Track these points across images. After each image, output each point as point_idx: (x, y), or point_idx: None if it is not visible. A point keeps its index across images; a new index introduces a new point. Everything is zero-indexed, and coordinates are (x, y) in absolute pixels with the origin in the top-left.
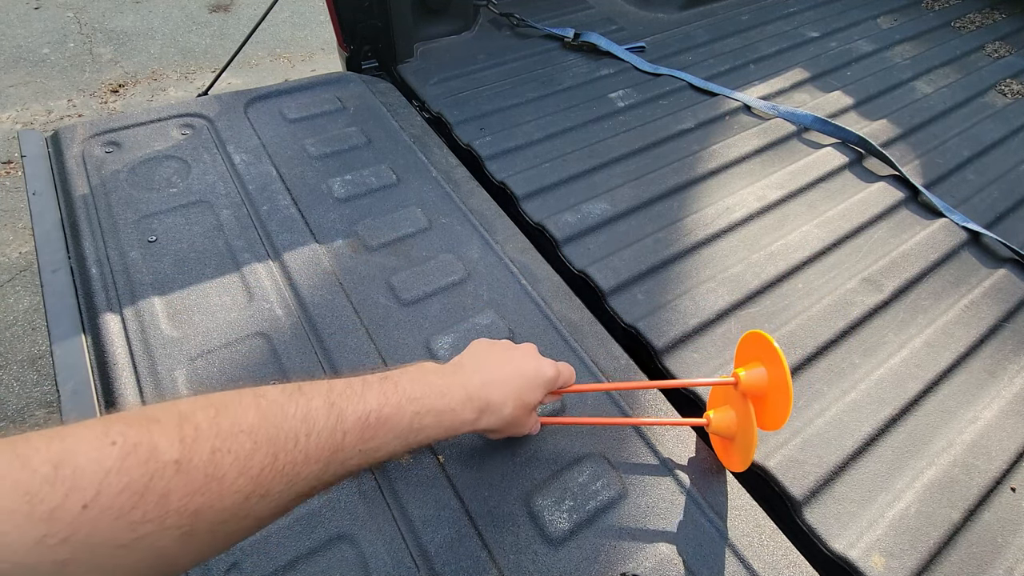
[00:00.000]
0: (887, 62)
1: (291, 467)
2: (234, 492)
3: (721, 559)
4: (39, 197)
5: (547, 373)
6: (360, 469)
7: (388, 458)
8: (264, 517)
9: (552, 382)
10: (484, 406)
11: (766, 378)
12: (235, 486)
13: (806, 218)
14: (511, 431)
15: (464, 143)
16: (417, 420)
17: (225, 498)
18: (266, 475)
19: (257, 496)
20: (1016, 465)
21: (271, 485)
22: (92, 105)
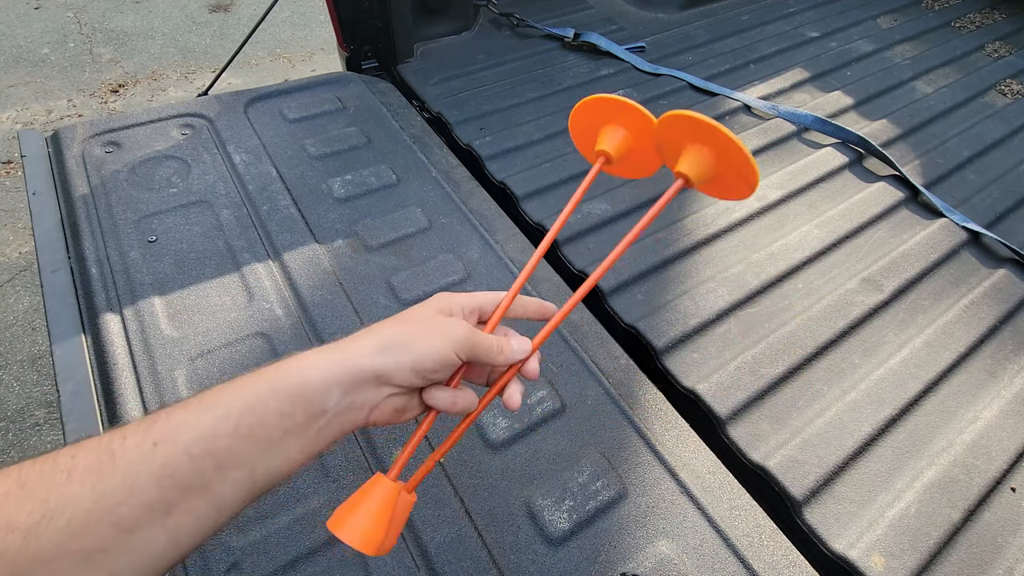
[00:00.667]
0: (887, 62)
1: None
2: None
3: (721, 559)
4: (39, 197)
5: (458, 331)
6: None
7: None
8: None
9: (464, 341)
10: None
11: (711, 154)
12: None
13: (806, 218)
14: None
15: (464, 143)
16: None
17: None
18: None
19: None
20: (1016, 465)
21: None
22: (92, 105)
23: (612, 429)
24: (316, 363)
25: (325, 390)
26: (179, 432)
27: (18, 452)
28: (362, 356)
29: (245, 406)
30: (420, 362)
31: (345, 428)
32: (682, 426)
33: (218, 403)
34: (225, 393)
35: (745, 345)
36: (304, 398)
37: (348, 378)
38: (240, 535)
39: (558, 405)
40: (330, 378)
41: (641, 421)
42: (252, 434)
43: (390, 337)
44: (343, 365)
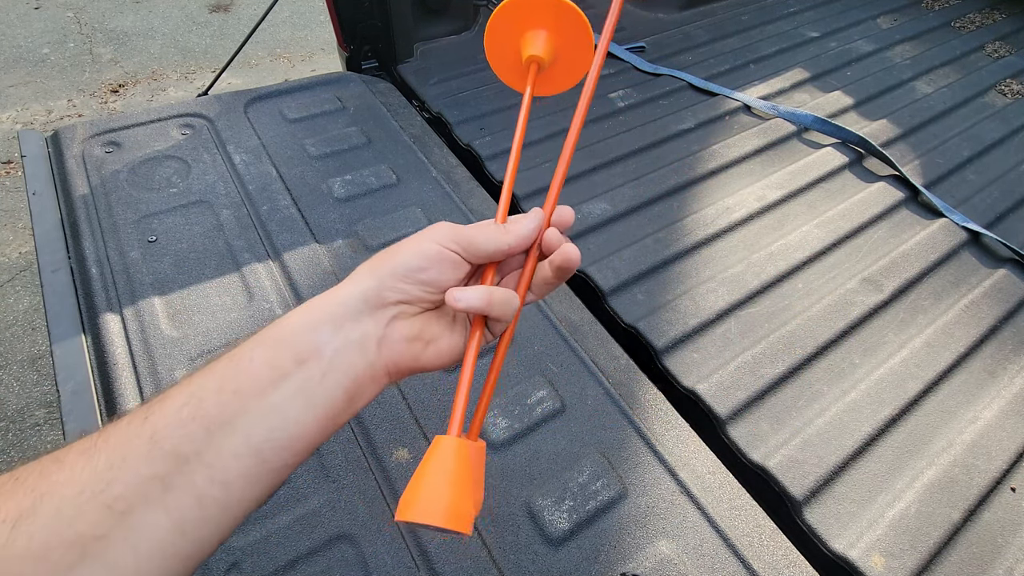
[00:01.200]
0: (887, 62)
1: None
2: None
3: (721, 559)
4: (39, 197)
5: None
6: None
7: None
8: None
9: (464, 238)
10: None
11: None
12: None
13: (806, 218)
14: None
15: (464, 143)
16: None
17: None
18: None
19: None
20: (1016, 465)
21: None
22: (92, 105)
23: (612, 429)
24: (296, 310)
25: (311, 328)
26: (168, 400)
27: (18, 452)
28: (342, 287)
29: (229, 362)
30: (401, 264)
31: (356, 374)
32: (682, 426)
33: (206, 368)
34: (213, 359)
35: (745, 345)
36: (289, 340)
37: (333, 311)
38: (240, 535)
39: (558, 405)
40: (315, 316)
41: (641, 421)
42: (238, 390)
43: (365, 265)
44: (323, 302)
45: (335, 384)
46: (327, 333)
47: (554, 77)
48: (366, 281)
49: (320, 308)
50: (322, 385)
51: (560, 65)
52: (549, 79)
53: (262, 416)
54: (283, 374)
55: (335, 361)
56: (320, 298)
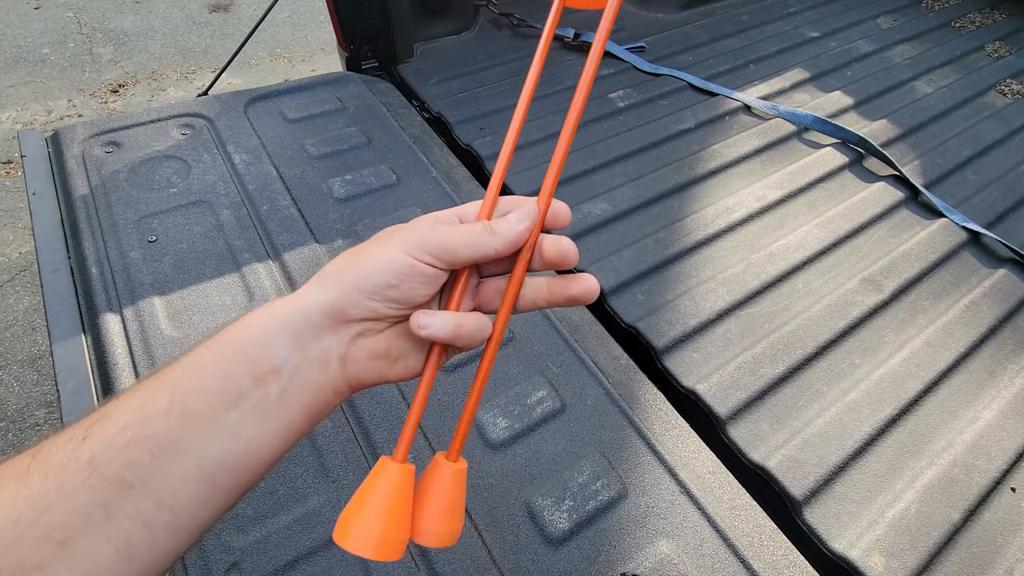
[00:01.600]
0: (887, 62)
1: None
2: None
3: (721, 559)
4: (39, 197)
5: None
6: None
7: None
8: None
9: (437, 240)
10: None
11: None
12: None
13: (806, 218)
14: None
15: (464, 143)
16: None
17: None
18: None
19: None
20: (1016, 465)
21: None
22: (92, 105)
23: (612, 429)
24: (256, 312)
25: (268, 340)
26: (108, 419)
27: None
28: (303, 295)
29: (180, 376)
30: (368, 278)
31: (316, 391)
32: (682, 426)
33: (154, 379)
34: (166, 366)
35: (745, 345)
36: (245, 354)
37: (293, 322)
38: (240, 535)
39: (558, 405)
40: (273, 326)
41: (641, 421)
42: (188, 411)
43: (332, 267)
44: (284, 309)
45: (293, 402)
46: (286, 347)
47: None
48: (330, 291)
49: (280, 316)
50: (280, 403)
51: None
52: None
53: (214, 437)
54: (238, 393)
55: (294, 379)
56: (283, 301)
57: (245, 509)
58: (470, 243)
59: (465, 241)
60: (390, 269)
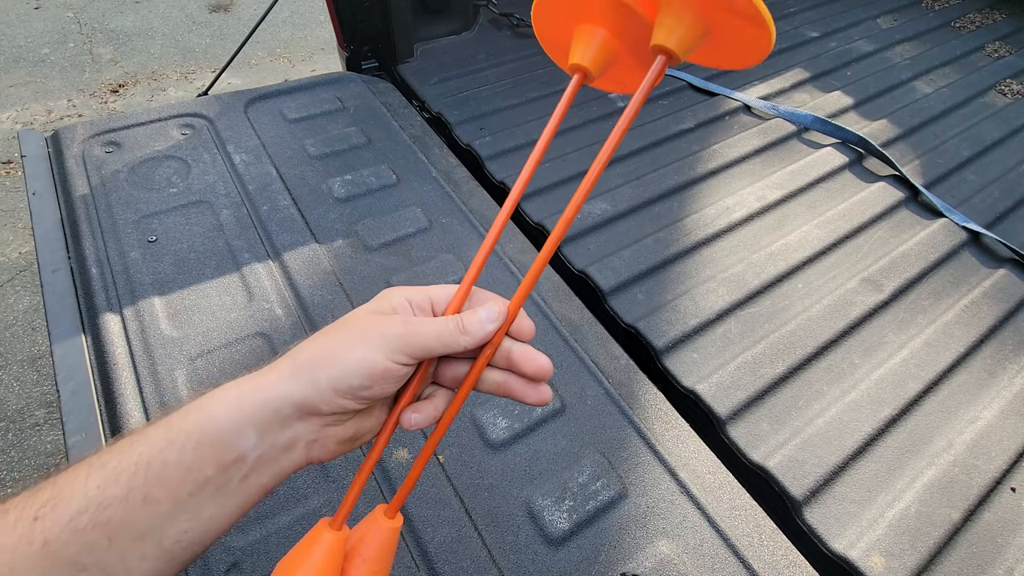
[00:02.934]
0: (887, 62)
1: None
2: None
3: (721, 559)
4: (39, 197)
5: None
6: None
7: None
8: None
9: (403, 339)
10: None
11: (690, 6)
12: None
13: (806, 218)
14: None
15: (464, 143)
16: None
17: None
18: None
19: None
20: (1016, 465)
21: None
22: (92, 105)
23: (612, 429)
24: (222, 398)
25: (235, 432)
26: (62, 502)
27: (18, 452)
28: (273, 385)
29: (139, 463)
30: (344, 379)
31: (280, 474)
32: (682, 426)
33: (110, 462)
34: (122, 446)
35: (745, 345)
36: (209, 445)
37: (261, 415)
38: (240, 535)
39: (558, 405)
40: (240, 416)
41: (641, 421)
42: (150, 496)
43: (305, 355)
44: (252, 398)
45: (256, 484)
46: (252, 438)
47: (602, 80)
48: (303, 386)
49: (247, 406)
50: (242, 485)
51: (611, 72)
52: (597, 80)
53: (174, 519)
54: (202, 480)
55: (258, 464)
56: (250, 387)
57: None
58: (442, 341)
59: (438, 340)
60: (367, 373)
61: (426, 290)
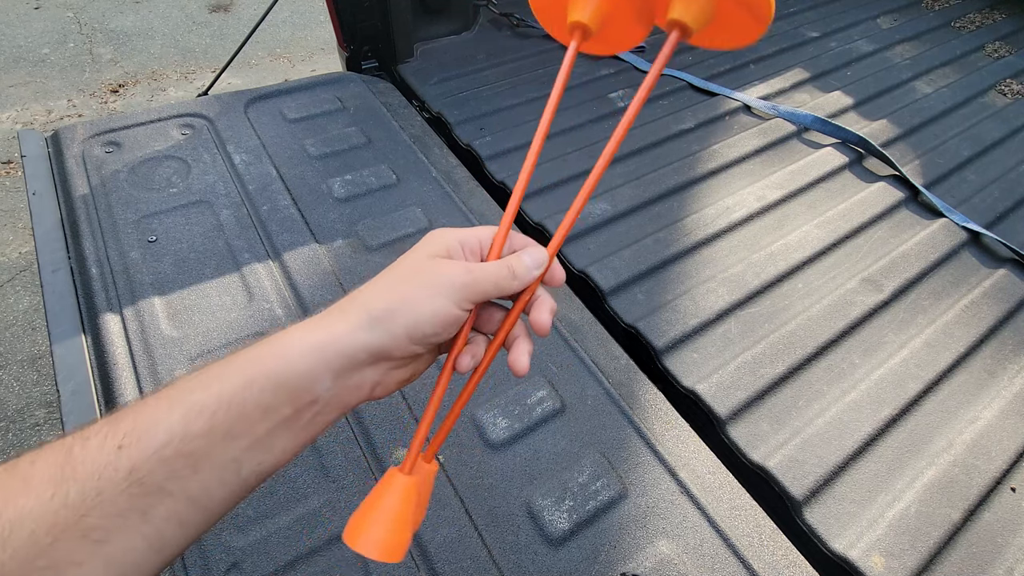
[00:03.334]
0: (887, 62)
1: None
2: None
3: (721, 559)
4: (39, 197)
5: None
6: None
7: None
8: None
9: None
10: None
11: None
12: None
13: (806, 218)
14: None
15: (464, 143)
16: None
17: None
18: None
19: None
20: (1016, 465)
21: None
22: (92, 105)
23: (612, 429)
24: (298, 346)
25: (312, 378)
26: (146, 434)
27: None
28: (350, 334)
29: (220, 401)
30: (418, 327)
31: (344, 409)
32: (682, 426)
33: (189, 397)
34: (199, 383)
35: (745, 345)
36: (288, 388)
37: (338, 362)
38: (240, 535)
39: (558, 405)
40: (317, 364)
41: (641, 421)
42: (231, 432)
43: (380, 304)
44: (331, 348)
45: (324, 420)
46: (327, 382)
47: (598, 38)
48: (380, 335)
49: (324, 353)
50: (312, 423)
51: (606, 32)
52: (593, 39)
53: (254, 453)
54: (279, 419)
55: (330, 405)
56: (325, 331)
57: (245, 509)
58: (499, 287)
59: (496, 286)
60: (440, 322)
61: (473, 232)
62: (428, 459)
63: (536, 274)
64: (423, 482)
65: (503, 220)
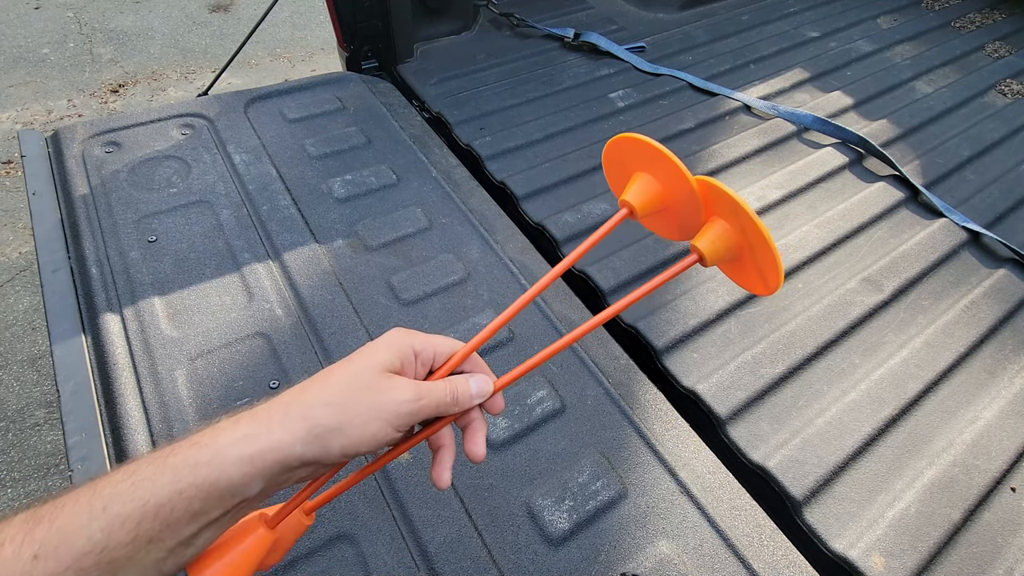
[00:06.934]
0: (887, 62)
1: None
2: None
3: (721, 559)
4: (39, 197)
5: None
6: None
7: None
8: None
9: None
10: None
11: (734, 234)
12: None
13: (806, 218)
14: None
15: (464, 143)
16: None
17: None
18: None
19: None
20: (1016, 465)
21: None
22: (92, 105)
23: (612, 429)
24: (233, 453)
25: (245, 484)
26: (64, 543)
27: (18, 452)
28: (289, 446)
29: (146, 511)
30: (356, 448)
31: (268, 499)
32: (682, 426)
33: (112, 503)
34: (121, 489)
35: (745, 345)
36: (219, 495)
37: (272, 470)
38: None
39: (558, 405)
40: (251, 472)
41: (641, 421)
42: (156, 538)
43: (323, 421)
44: (265, 457)
45: (249, 511)
46: (260, 486)
47: (648, 220)
48: (314, 450)
49: (260, 464)
50: (236, 518)
51: (656, 219)
52: (643, 219)
53: (176, 552)
54: (207, 520)
55: (255, 500)
56: (264, 446)
57: None
58: (438, 410)
59: (436, 409)
60: (377, 444)
61: (431, 342)
62: (307, 511)
63: (476, 403)
64: (285, 537)
65: (468, 346)
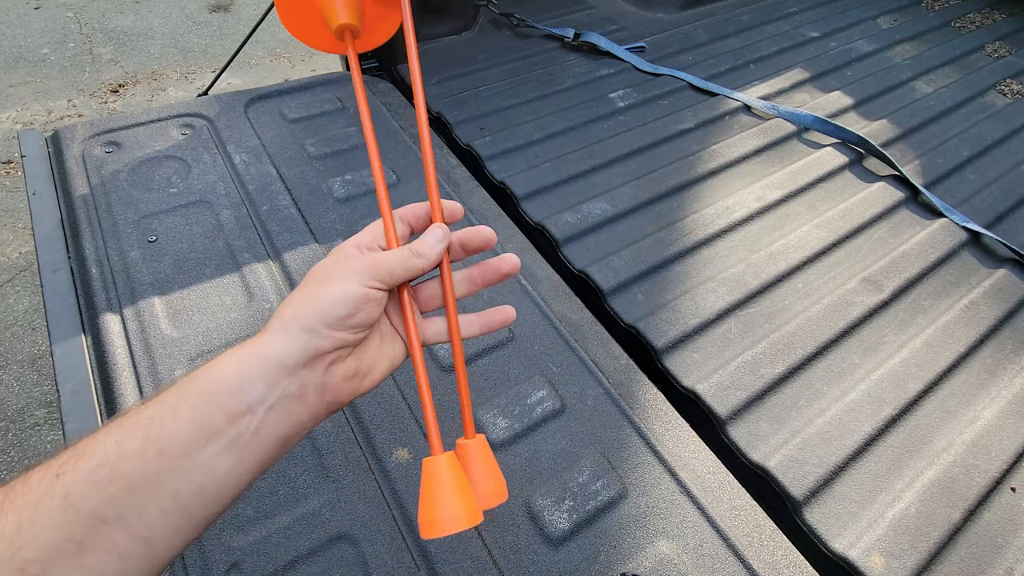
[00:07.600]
0: (887, 62)
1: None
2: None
3: (721, 559)
4: (39, 197)
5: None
6: None
7: None
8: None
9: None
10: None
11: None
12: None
13: (806, 218)
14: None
15: (464, 143)
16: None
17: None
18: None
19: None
20: (1016, 465)
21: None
22: (92, 105)
23: (612, 429)
24: (228, 358)
25: (242, 386)
26: (82, 458)
27: (18, 452)
28: (270, 341)
29: (153, 419)
30: (330, 312)
31: (294, 421)
32: (682, 426)
33: (125, 421)
34: (136, 409)
35: (745, 345)
36: (219, 399)
37: (268, 368)
38: (240, 535)
39: (558, 405)
40: (245, 371)
41: (641, 421)
42: (164, 450)
43: (290, 309)
44: (254, 357)
45: (268, 435)
46: (261, 389)
47: (368, 34)
48: (298, 335)
49: (253, 365)
50: (255, 438)
51: (371, 21)
52: (364, 37)
53: (190, 473)
54: (214, 432)
55: (272, 416)
56: (252, 349)
57: (245, 509)
58: (404, 266)
59: (400, 266)
60: (348, 301)
61: (366, 231)
62: (470, 436)
63: (440, 248)
64: (467, 454)
65: (384, 212)
